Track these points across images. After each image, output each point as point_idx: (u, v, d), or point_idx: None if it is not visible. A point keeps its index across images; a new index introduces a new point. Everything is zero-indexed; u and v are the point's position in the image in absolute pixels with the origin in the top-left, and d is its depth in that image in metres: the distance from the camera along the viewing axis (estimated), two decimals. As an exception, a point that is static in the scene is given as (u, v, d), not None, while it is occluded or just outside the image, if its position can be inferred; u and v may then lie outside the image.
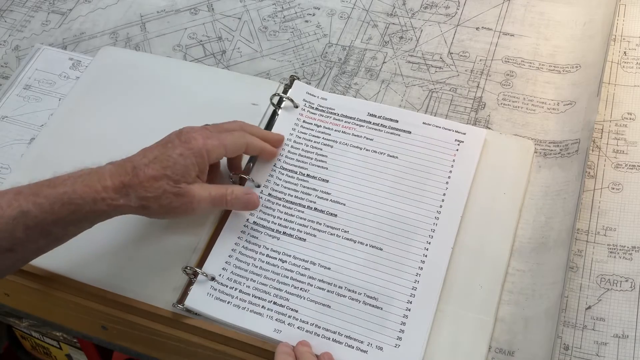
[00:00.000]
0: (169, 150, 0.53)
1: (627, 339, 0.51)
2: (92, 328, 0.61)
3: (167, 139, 0.55)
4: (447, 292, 0.54)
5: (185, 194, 0.53)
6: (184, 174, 0.53)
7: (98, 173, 0.52)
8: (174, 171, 0.52)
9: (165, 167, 0.52)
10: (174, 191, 0.53)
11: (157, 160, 0.53)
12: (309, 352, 0.51)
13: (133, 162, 0.53)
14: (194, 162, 0.54)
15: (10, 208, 0.48)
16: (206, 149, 0.54)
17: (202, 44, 0.76)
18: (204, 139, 0.55)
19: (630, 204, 0.58)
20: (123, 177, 0.51)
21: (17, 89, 0.74)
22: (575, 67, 0.67)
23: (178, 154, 0.53)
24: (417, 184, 0.59)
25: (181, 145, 0.54)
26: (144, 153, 0.54)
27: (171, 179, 0.52)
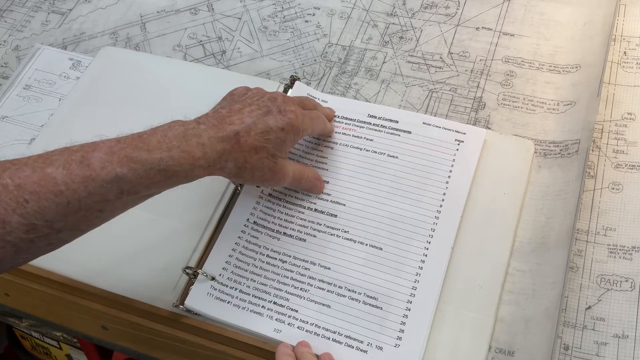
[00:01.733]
0: (269, 120, 0.52)
1: (627, 339, 0.51)
2: (92, 328, 0.61)
3: (262, 103, 0.53)
4: (447, 292, 0.54)
5: (279, 170, 0.53)
6: (281, 148, 0.53)
7: (196, 136, 0.49)
8: (274, 145, 0.52)
9: (267, 140, 0.51)
10: (270, 165, 0.52)
11: (258, 128, 0.51)
12: (309, 352, 0.51)
13: (233, 126, 0.50)
14: (291, 138, 0.53)
15: (105, 171, 0.45)
16: (303, 127, 0.54)
17: (202, 44, 0.76)
18: (301, 115, 0.54)
19: (630, 204, 0.58)
20: (225, 144, 0.49)
21: (17, 89, 0.74)
22: (575, 67, 0.67)
23: (279, 127, 0.52)
24: (417, 184, 0.59)
25: (280, 117, 0.52)
26: (240, 115, 0.51)
27: (270, 152, 0.52)
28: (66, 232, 0.45)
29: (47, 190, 0.43)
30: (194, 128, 0.49)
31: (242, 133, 0.50)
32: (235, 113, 0.51)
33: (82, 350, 0.79)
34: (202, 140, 0.48)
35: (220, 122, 0.50)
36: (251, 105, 0.52)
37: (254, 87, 0.56)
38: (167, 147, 0.47)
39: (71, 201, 0.44)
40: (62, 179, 0.43)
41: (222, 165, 0.50)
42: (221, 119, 0.51)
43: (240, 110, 0.52)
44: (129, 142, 0.47)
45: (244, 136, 0.50)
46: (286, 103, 0.53)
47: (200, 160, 0.48)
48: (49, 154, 0.45)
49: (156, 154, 0.46)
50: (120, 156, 0.46)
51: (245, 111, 0.52)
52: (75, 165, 0.44)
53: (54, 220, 0.44)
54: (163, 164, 0.46)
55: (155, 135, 0.48)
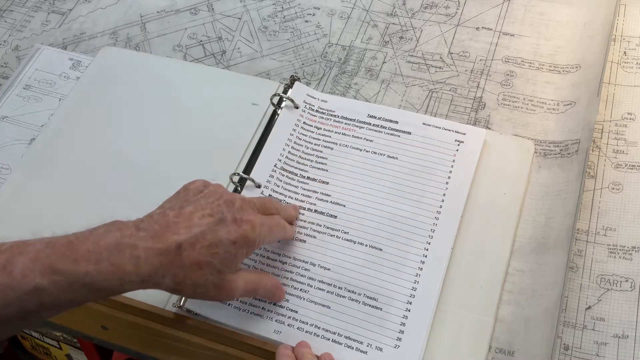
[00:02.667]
0: (221, 231, 0.46)
1: (627, 339, 0.51)
2: (92, 328, 0.61)
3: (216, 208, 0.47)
4: (447, 292, 0.54)
5: (225, 286, 0.48)
6: (230, 264, 0.47)
7: (131, 247, 0.43)
8: (221, 260, 0.46)
9: (213, 254, 0.46)
10: (214, 282, 0.47)
11: (206, 240, 0.45)
12: (309, 352, 0.51)
13: (176, 237, 0.45)
14: (243, 253, 0.48)
15: (25, 280, 0.40)
16: (259, 238, 0.49)
17: (202, 44, 0.76)
18: (259, 226, 0.49)
19: (630, 204, 0.58)
20: (163, 258, 0.44)
21: (17, 89, 0.74)
22: (575, 67, 0.67)
23: (231, 241, 0.46)
24: (417, 184, 0.59)
25: (234, 229, 0.47)
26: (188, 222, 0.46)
27: (216, 268, 0.46)
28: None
29: None
30: (130, 235, 0.44)
31: (185, 245, 0.45)
32: (184, 219, 0.46)
33: (82, 350, 0.79)
34: (137, 252, 0.43)
35: (163, 229, 0.45)
36: (204, 209, 0.47)
37: (213, 185, 0.50)
38: (95, 258, 0.42)
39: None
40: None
41: (158, 280, 0.44)
42: (165, 225, 0.45)
43: (190, 216, 0.46)
44: (57, 248, 0.42)
45: (187, 249, 0.45)
46: (243, 210, 0.48)
47: (132, 275, 0.43)
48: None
49: (82, 266, 0.42)
50: (44, 265, 0.41)
51: (195, 217, 0.46)
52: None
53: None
54: (89, 277, 0.42)
55: (86, 242, 0.43)
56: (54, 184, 0.63)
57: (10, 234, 0.61)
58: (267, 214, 0.53)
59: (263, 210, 0.52)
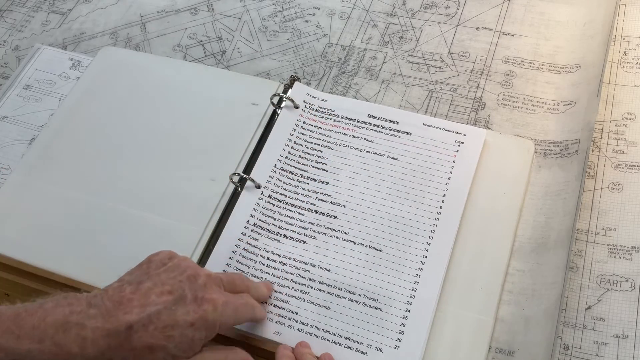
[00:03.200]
0: (178, 311, 0.43)
1: (627, 339, 0.51)
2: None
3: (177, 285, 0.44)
4: (447, 293, 0.54)
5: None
6: (187, 348, 0.43)
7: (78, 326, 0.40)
8: (177, 344, 0.43)
9: (168, 337, 0.42)
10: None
11: (161, 322, 0.42)
12: (309, 353, 0.51)
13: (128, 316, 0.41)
14: (202, 337, 0.44)
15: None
16: (221, 320, 0.45)
17: (202, 44, 0.76)
18: (222, 306, 0.45)
19: (630, 204, 0.58)
20: (111, 339, 0.41)
21: (17, 89, 0.74)
22: (575, 67, 0.67)
23: (189, 322, 0.43)
24: (417, 185, 0.59)
25: (195, 310, 0.43)
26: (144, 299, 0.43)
27: (170, 352, 0.42)
28: None
29: None
30: (80, 312, 0.41)
31: (136, 327, 0.41)
32: (140, 295, 0.43)
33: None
34: (84, 332, 0.40)
35: (116, 307, 0.42)
36: (164, 285, 0.44)
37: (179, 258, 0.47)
38: (39, 336, 0.40)
39: None
40: None
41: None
42: (119, 302, 0.42)
43: (147, 292, 0.43)
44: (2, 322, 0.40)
45: (138, 331, 0.41)
46: (207, 287, 0.45)
47: (76, 357, 0.40)
48: None
49: (25, 343, 0.39)
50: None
51: (152, 293, 0.43)
52: None
53: None
54: (30, 357, 0.39)
55: (33, 316, 0.40)
56: (54, 184, 0.63)
57: (10, 234, 0.61)
58: (236, 292, 0.49)
59: (231, 287, 0.49)
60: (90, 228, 0.60)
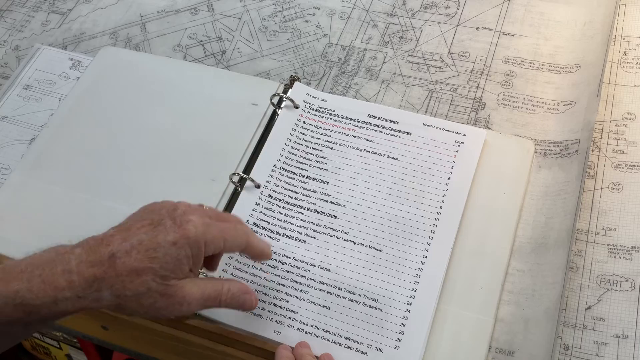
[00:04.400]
0: (160, 235, 0.43)
1: (627, 339, 0.51)
2: (92, 328, 0.61)
3: (157, 216, 0.45)
4: (447, 292, 0.54)
5: (173, 294, 0.44)
6: (174, 268, 0.44)
7: (63, 261, 0.42)
8: (162, 264, 0.43)
9: (152, 258, 0.43)
10: (160, 290, 0.43)
11: (143, 246, 0.43)
12: (308, 353, 0.51)
13: (110, 247, 0.42)
14: (188, 255, 0.44)
15: None
16: (205, 239, 0.45)
17: (202, 44, 0.76)
18: (203, 225, 0.45)
19: (630, 204, 0.58)
20: (96, 269, 0.41)
21: (17, 89, 0.74)
22: (575, 67, 0.67)
23: (170, 242, 0.43)
24: (417, 185, 0.59)
25: (175, 230, 0.44)
26: (125, 233, 0.44)
27: (158, 274, 0.43)
28: None
29: None
30: (65, 253, 0.42)
31: (119, 254, 0.42)
32: (121, 231, 0.44)
33: (82, 350, 0.79)
34: (69, 266, 0.41)
35: (98, 243, 0.43)
36: (143, 220, 0.45)
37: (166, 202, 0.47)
38: (27, 276, 0.41)
39: None
40: None
41: (96, 295, 0.42)
42: (102, 239, 0.43)
43: (128, 229, 0.44)
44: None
45: (121, 257, 0.42)
46: (186, 213, 0.45)
47: (65, 291, 0.41)
48: None
49: (13, 285, 0.40)
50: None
51: (133, 228, 0.44)
52: None
53: None
54: (19, 297, 0.40)
55: (21, 263, 0.42)
56: (54, 184, 0.63)
57: (10, 234, 0.61)
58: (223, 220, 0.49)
59: (216, 217, 0.48)
60: (90, 228, 0.60)
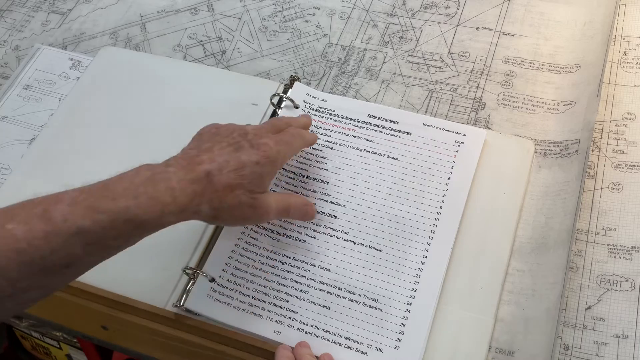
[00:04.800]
0: (242, 156, 0.49)
1: (627, 339, 0.51)
2: (92, 328, 0.61)
3: (232, 140, 0.50)
4: (447, 293, 0.54)
5: (259, 206, 0.50)
6: (259, 183, 0.50)
7: (164, 180, 0.45)
8: (250, 180, 0.49)
9: (241, 176, 0.48)
10: (249, 202, 0.49)
11: (231, 165, 0.48)
12: (308, 353, 0.51)
13: (204, 166, 0.47)
14: (268, 171, 0.51)
15: (67, 224, 0.42)
16: (279, 157, 0.52)
17: (202, 44, 0.76)
18: (274, 143, 0.51)
19: (630, 204, 0.58)
20: (196, 186, 0.46)
21: (17, 89, 0.74)
22: (575, 67, 0.67)
23: (254, 161, 0.49)
24: (417, 185, 0.59)
25: (254, 151, 0.50)
26: (209, 154, 0.49)
27: (247, 188, 0.49)
28: (34, 291, 0.43)
29: (8, 248, 0.40)
30: (161, 172, 0.46)
31: (214, 172, 0.47)
32: (205, 152, 0.49)
33: (82, 350, 0.79)
34: (170, 184, 0.45)
35: (189, 162, 0.47)
36: (221, 143, 0.50)
37: (225, 124, 0.53)
38: (133, 194, 0.44)
39: (34, 258, 0.41)
40: (23, 235, 0.41)
41: (196, 209, 0.47)
42: (190, 159, 0.48)
43: (210, 149, 0.49)
44: (93, 192, 0.44)
45: (216, 175, 0.47)
46: (257, 136, 0.51)
47: (170, 205, 0.45)
48: (10, 208, 0.43)
49: (122, 202, 0.43)
50: (83, 207, 0.42)
51: (215, 149, 0.49)
52: (36, 219, 0.42)
53: (17, 279, 0.41)
54: (129, 213, 0.43)
55: (121, 182, 0.45)
56: (54, 184, 0.63)
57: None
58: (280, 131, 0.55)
59: (275, 130, 0.55)
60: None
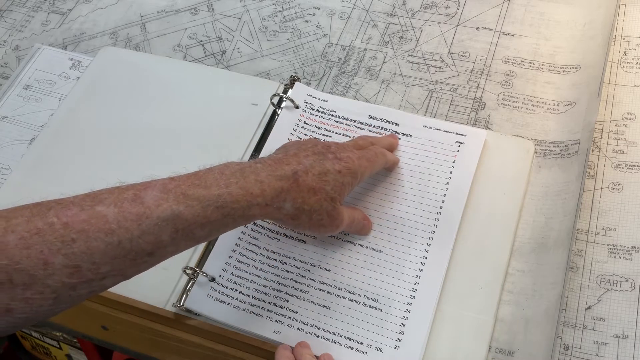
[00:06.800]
0: (326, 163, 0.50)
1: (627, 339, 0.51)
2: (92, 328, 0.61)
3: (316, 150, 0.51)
4: (447, 293, 0.54)
5: (337, 215, 0.51)
6: (340, 192, 0.51)
7: (254, 173, 0.47)
8: (333, 187, 0.50)
9: (325, 181, 0.49)
10: (328, 209, 0.50)
11: (315, 169, 0.49)
12: (308, 353, 0.51)
13: (291, 166, 0.49)
14: (350, 182, 0.51)
15: (160, 208, 0.42)
16: (360, 170, 0.52)
17: (202, 44, 0.76)
18: (357, 158, 0.53)
19: (630, 204, 0.58)
20: (283, 182, 0.47)
21: (17, 89, 0.74)
22: (575, 68, 0.67)
23: (337, 170, 0.50)
24: (418, 186, 0.59)
25: (337, 162, 0.51)
26: (296, 158, 0.50)
27: (329, 195, 0.50)
28: (110, 279, 0.42)
29: (97, 229, 0.40)
30: (250, 166, 0.47)
31: (300, 172, 0.48)
32: (291, 156, 0.50)
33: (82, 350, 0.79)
34: (260, 177, 0.47)
35: (277, 162, 0.49)
36: (306, 151, 0.51)
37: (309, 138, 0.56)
38: (224, 183, 0.45)
39: (122, 241, 0.41)
40: (114, 217, 0.41)
41: (280, 205, 0.48)
42: (278, 160, 0.49)
43: (296, 154, 0.50)
44: (184, 180, 0.45)
45: (302, 176, 0.48)
46: (340, 149, 0.52)
47: (258, 197, 0.46)
48: (97, 193, 0.43)
49: (214, 190, 0.44)
50: (176, 193, 0.43)
51: (301, 155, 0.50)
52: (127, 203, 0.42)
53: (100, 263, 0.41)
54: (221, 200, 0.44)
55: (211, 172, 0.46)
56: (54, 184, 0.63)
57: (10, 234, 0.61)
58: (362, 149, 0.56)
59: (357, 147, 0.56)
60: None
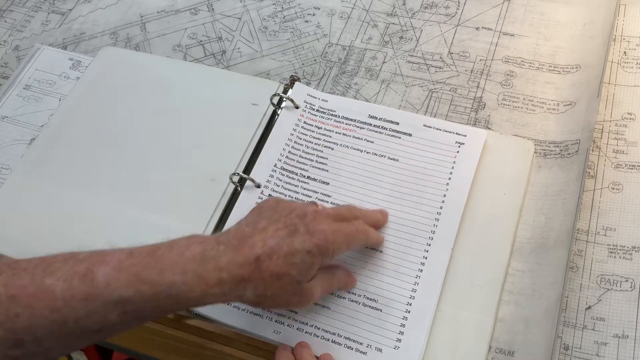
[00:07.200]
0: (295, 242, 0.46)
1: (627, 339, 0.51)
2: (92, 328, 0.61)
3: (289, 221, 0.48)
4: (447, 293, 0.54)
5: (303, 294, 0.48)
6: (307, 273, 0.47)
7: (214, 259, 0.44)
8: (299, 271, 0.46)
9: (290, 265, 0.46)
10: (294, 291, 0.47)
11: (282, 251, 0.46)
12: (308, 353, 0.51)
13: (255, 250, 0.45)
14: (318, 262, 0.48)
15: (109, 289, 0.41)
16: (334, 247, 0.48)
17: (202, 44, 0.76)
18: (332, 233, 0.48)
19: (630, 204, 0.57)
20: (243, 270, 0.44)
21: (17, 89, 0.74)
22: (575, 68, 0.67)
23: (306, 250, 0.46)
24: (418, 186, 0.59)
25: (308, 238, 0.47)
26: (263, 234, 0.46)
27: (294, 278, 0.46)
28: (56, 351, 0.41)
29: (42, 305, 0.39)
30: (212, 249, 0.45)
31: (263, 257, 0.45)
32: (258, 233, 0.47)
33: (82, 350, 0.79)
34: (220, 263, 0.44)
35: (241, 243, 0.46)
36: (277, 223, 0.48)
37: (286, 201, 0.51)
38: (181, 270, 0.43)
39: (67, 320, 0.40)
40: (61, 294, 0.40)
41: (240, 293, 0.45)
42: (242, 239, 0.46)
43: (264, 230, 0.47)
44: (140, 258, 0.43)
45: (265, 261, 0.45)
46: (316, 220, 0.48)
47: (215, 287, 0.44)
48: (52, 259, 0.42)
49: (168, 276, 0.42)
50: (129, 274, 0.42)
51: (269, 230, 0.47)
52: (77, 279, 0.41)
53: (43, 339, 0.40)
54: (174, 289, 0.42)
55: (170, 253, 0.44)
56: (54, 184, 0.63)
57: (11, 234, 0.61)
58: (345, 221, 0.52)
59: (340, 219, 0.51)
60: (89, 228, 0.60)
